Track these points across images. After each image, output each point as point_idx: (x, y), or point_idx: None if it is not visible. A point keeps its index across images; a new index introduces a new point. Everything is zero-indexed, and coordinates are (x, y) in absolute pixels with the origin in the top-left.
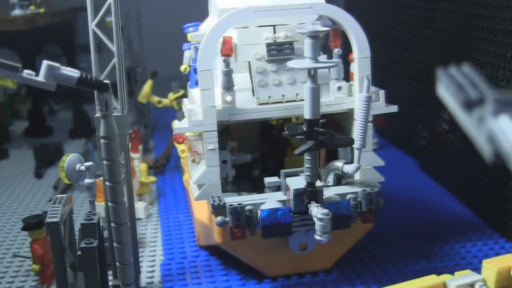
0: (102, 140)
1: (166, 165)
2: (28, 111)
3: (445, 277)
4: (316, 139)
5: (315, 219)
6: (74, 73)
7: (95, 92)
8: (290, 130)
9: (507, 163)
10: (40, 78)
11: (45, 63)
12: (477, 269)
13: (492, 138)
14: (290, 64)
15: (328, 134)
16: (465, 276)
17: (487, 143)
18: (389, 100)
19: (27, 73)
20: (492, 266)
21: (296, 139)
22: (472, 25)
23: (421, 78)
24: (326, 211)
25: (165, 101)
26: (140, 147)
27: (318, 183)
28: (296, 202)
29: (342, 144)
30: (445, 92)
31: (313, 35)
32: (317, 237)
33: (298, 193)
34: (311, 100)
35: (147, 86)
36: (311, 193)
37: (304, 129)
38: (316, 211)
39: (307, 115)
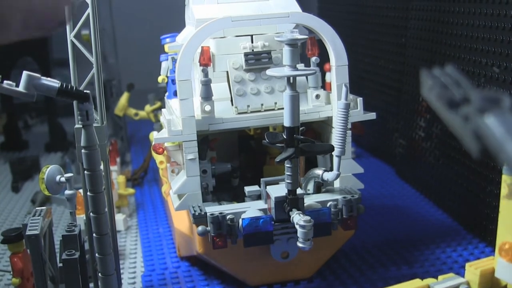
0: (83, 150)
1: (144, 177)
2: (4, 126)
3: (429, 281)
4: (296, 147)
5: (297, 226)
6: (54, 83)
7: (75, 102)
8: (270, 138)
9: (495, 159)
10: (21, 88)
11: (25, 73)
12: (458, 274)
13: (479, 136)
14: (269, 72)
15: (308, 141)
16: (449, 279)
17: (474, 141)
18: (365, 110)
19: (7, 83)
20: (475, 269)
21: (276, 147)
22: (446, 33)
23: (397, 86)
24: (308, 218)
25: (142, 113)
26: (118, 159)
27: (299, 191)
28: (277, 210)
29: (322, 151)
30: (429, 92)
31: (292, 43)
32: (300, 244)
33: (279, 201)
34: (291, 108)
35: (124, 98)
36: (292, 201)
37: (284, 137)
38: (298, 218)
39: (286, 122)
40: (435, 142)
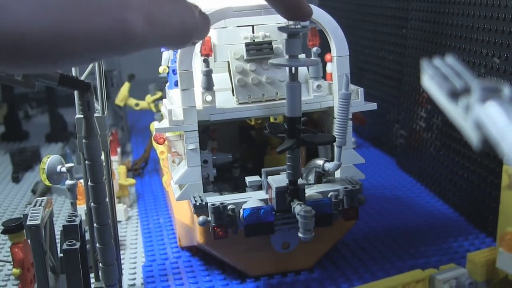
0: (84, 141)
1: (145, 168)
2: (4, 116)
3: (430, 271)
4: (298, 137)
5: (298, 216)
6: (55, 73)
7: (76, 92)
8: (271, 129)
9: (495, 149)
10: (21, 78)
11: None
12: (459, 265)
13: (480, 125)
14: (272, 61)
15: (309, 132)
16: (450, 269)
17: (475, 131)
18: (366, 100)
19: (8, 73)
20: (476, 259)
21: (278, 137)
22: (446, 23)
23: (397, 77)
24: (309, 208)
25: (143, 104)
26: (118, 149)
27: (300, 181)
28: (279, 201)
29: (323, 142)
30: (430, 83)
31: (294, 33)
32: (301, 235)
33: (280, 191)
34: (292, 98)
35: (124, 88)
36: (293, 191)
37: (286, 127)
38: (299, 208)
39: (288, 113)
40: (436, 133)
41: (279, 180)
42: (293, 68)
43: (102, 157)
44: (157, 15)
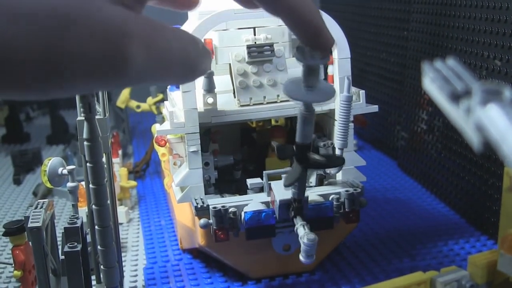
0: (85, 143)
1: (146, 170)
2: (5, 118)
3: (432, 274)
4: (307, 163)
5: (301, 241)
6: None
7: (78, 95)
8: (280, 153)
9: (496, 151)
10: None
11: None
12: (460, 267)
13: (481, 128)
14: (288, 95)
15: (319, 161)
16: (451, 272)
17: (476, 133)
18: (367, 102)
19: None
20: (477, 262)
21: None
22: (447, 26)
23: (399, 79)
24: (312, 236)
25: (144, 106)
26: (120, 151)
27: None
28: (281, 212)
29: (333, 165)
30: (431, 85)
31: (314, 64)
32: (302, 259)
33: (284, 204)
34: (304, 126)
35: (126, 90)
36: (297, 209)
37: (294, 150)
38: (303, 233)
39: (298, 139)
40: (437, 135)
41: (283, 189)
42: None
43: (104, 159)
44: (160, 45)
